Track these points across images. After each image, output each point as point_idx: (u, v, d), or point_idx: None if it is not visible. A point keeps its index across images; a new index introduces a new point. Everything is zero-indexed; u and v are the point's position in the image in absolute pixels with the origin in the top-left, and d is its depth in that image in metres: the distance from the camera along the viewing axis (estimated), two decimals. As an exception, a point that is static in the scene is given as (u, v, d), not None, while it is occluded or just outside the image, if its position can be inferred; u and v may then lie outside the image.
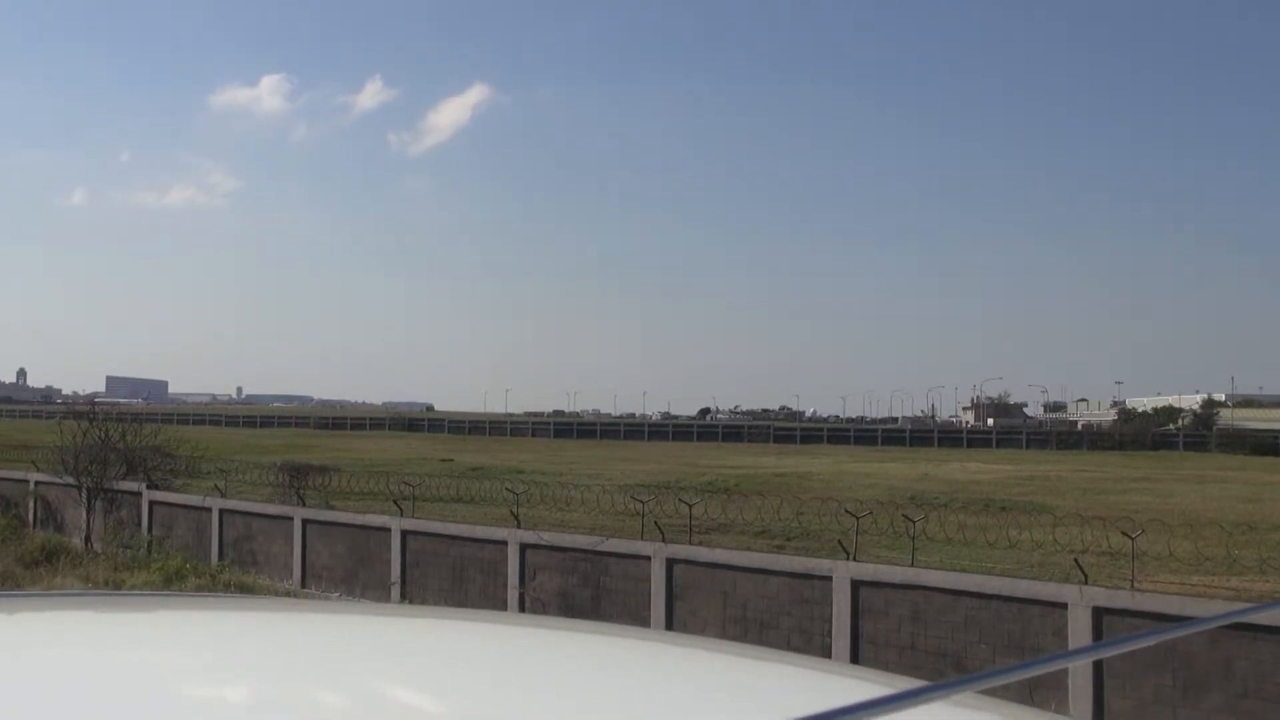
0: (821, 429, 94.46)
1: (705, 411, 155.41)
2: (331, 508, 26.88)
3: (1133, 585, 16.13)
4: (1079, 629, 15.20)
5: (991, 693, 1.20)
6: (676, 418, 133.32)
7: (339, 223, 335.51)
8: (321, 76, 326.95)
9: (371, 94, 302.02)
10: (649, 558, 19.82)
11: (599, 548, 20.68)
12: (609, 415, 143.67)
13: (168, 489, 30.19)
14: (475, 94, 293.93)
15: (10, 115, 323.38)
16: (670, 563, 19.57)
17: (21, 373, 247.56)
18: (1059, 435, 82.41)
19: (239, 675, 1.55)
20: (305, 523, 25.62)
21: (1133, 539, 17.02)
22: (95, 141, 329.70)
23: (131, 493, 29.74)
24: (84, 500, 30.18)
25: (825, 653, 16.81)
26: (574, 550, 20.99)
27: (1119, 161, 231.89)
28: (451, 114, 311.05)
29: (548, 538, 21.56)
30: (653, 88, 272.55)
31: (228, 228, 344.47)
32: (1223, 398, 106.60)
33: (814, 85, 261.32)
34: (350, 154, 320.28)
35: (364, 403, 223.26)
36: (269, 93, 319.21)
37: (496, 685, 1.55)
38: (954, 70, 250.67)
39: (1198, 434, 77.98)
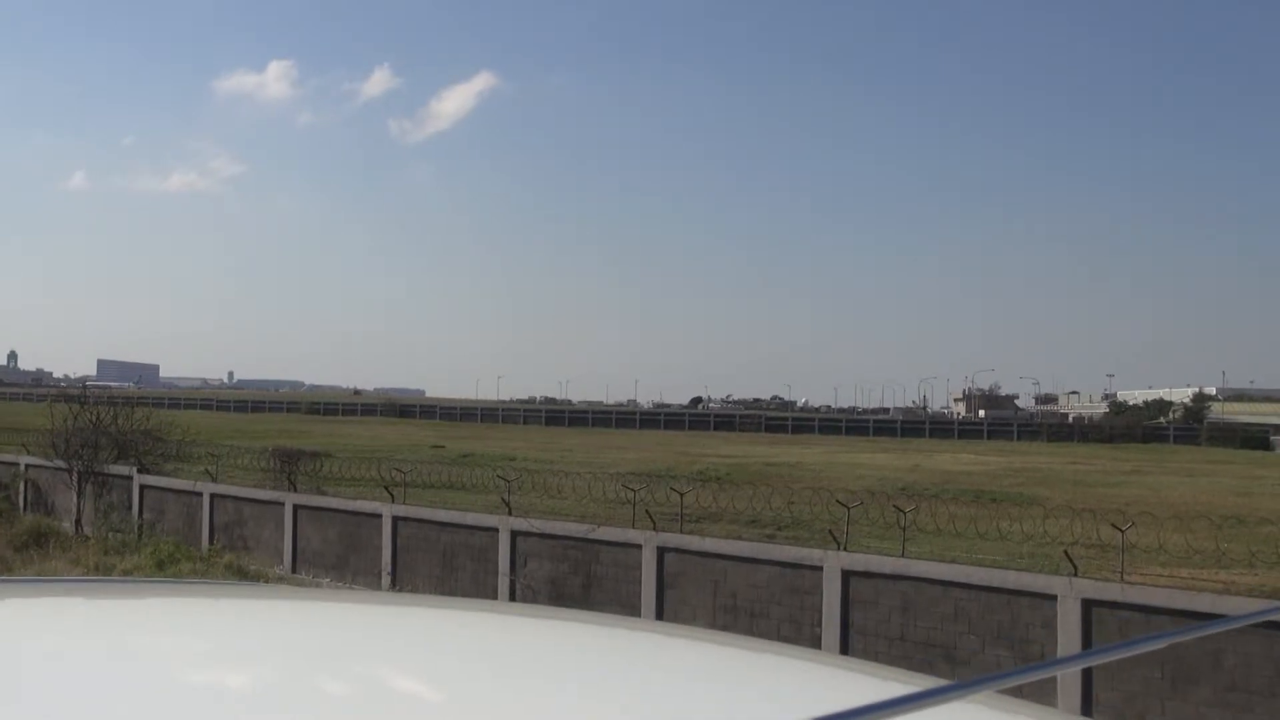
0: (813, 419, 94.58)
1: (697, 400, 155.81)
2: (323, 493, 26.84)
3: (1122, 577, 16.19)
4: (1068, 621, 15.24)
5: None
6: (669, 406, 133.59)
7: (337, 209, 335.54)
8: (330, 63, 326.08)
9: (379, 81, 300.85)
10: (640, 546, 19.83)
11: (590, 535, 20.68)
12: (601, 403, 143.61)
13: (158, 473, 30.10)
14: (481, 82, 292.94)
15: (14, 99, 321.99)
16: (661, 551, 19.58)
17: (13, 355, 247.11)
18: (1050, 427, 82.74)
19: (230, 662, 1.54)
20: (296, 508, 25.57)
21: (1122, 531, 17.08)
22: (98, 125, 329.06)
23: (122, 477, 29.65)
24: (74, 484, 30.09)
25: (815, 643, 16.83)
26: (565, 538, 20.99)
27: (1113, 155, 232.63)
28: (455, 102, 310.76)
29: (539, 525, 21.56)
30: (653, 80, 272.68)
31: (225, 213, 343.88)
32: (1214, 391, 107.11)
33: (812, 79, 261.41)
34: (353, 141, 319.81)
35: (355, 389, 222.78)
36: (275, 79, 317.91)
37: (489, 674, 1.54)
38: (951, 64, 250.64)
39: (1188, 427, 78.41)
